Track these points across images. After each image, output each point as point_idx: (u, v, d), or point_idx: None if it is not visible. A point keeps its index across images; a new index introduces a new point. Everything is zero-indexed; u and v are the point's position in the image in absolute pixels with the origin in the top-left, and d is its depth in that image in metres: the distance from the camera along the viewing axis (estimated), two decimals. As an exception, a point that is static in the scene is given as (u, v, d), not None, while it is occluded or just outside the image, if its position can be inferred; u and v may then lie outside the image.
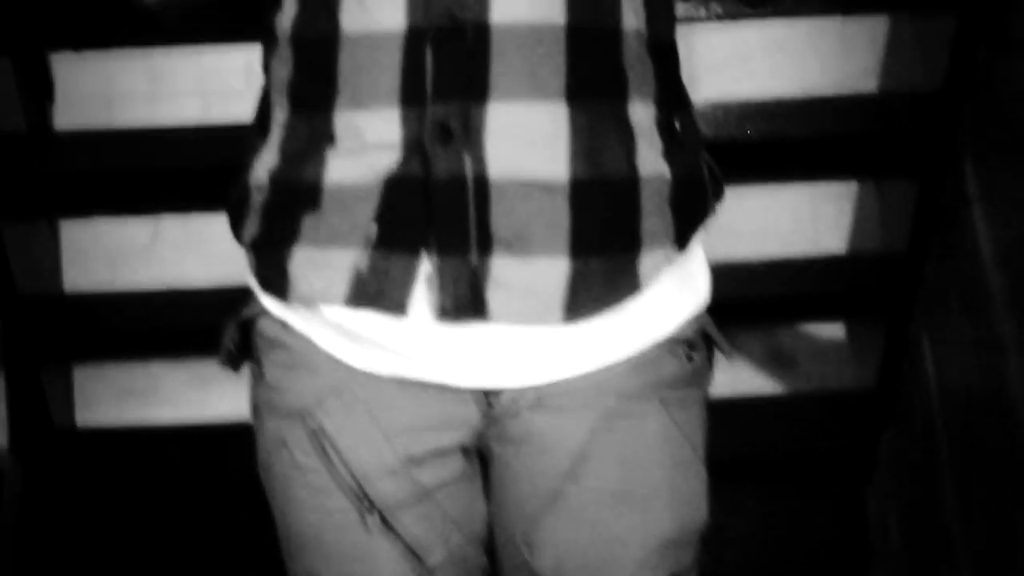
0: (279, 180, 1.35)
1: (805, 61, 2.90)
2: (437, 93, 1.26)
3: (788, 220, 2.91)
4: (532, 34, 1.26)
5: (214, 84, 2.88)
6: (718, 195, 1.43)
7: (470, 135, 1.26)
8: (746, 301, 2.54)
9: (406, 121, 1.27)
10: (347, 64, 1.28)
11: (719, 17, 2.32)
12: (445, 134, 1.26)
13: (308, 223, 1.32)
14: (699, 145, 1.42)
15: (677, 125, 1.37)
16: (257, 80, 1.44)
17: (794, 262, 2.62)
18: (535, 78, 1.26)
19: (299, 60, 1.33)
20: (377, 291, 1.29)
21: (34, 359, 2.57)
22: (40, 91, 2.69)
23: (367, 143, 1.28)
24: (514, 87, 1.26)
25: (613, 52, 1.30)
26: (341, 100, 1.29)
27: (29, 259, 2.58)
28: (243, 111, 1.50)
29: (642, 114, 1.33)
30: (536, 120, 1.27)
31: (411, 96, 1.26)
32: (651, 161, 1.33)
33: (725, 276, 1.57)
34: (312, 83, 1.31)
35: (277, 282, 1.35)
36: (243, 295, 1.45)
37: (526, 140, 1.27)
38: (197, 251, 2.86)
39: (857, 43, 2.85)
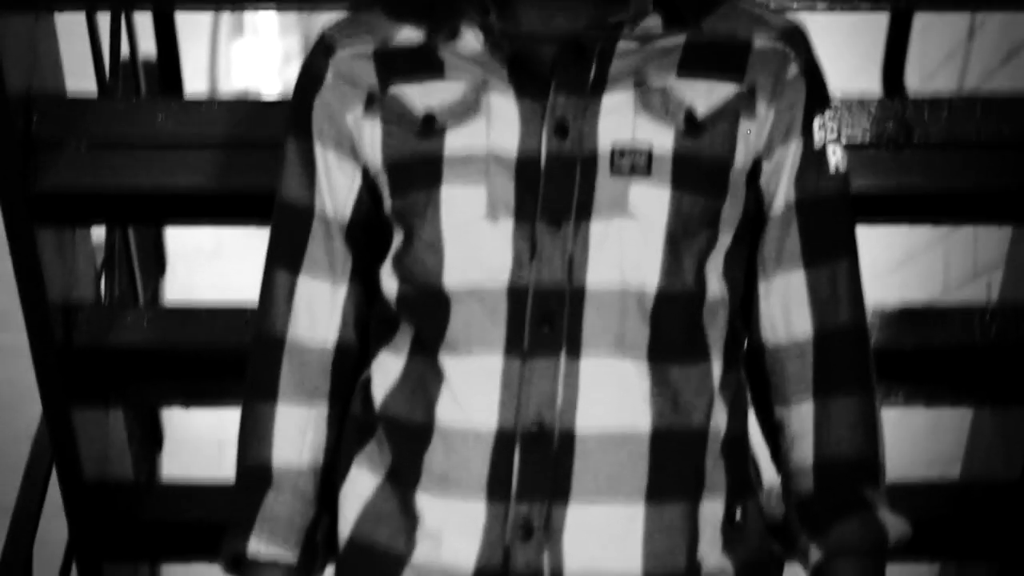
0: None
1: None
2: (522, 493, 1.38)
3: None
4: (616, 442, 1.39)
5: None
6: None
7: (551, 534, 1.38)
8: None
9: (490, 516, 1.39)
10: (438, 455, 1.41)
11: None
12: (527, 531, 1.38)
13: None
14: (763, 531, 1.50)
15: (738, 515, 1.46)
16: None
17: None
18: (616, 482, 1.38)
19: (393, 446, 1.45)
20: None
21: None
22: (150, 442, 2.86)
23: (449, 532, 1.40)
24: (595, 491, 1.38)
25: (695, 454, 1.42)
26: (427, 484, 1.41)
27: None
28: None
29: (709, 512, 1.43)
30: (614, 522, 1.38)
31: (497, 493, 1.38)
32: (713, 557, 1.43)
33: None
34: (402, 468, 1.44)
35: None
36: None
37: (602, 540, 1.38)
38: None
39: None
